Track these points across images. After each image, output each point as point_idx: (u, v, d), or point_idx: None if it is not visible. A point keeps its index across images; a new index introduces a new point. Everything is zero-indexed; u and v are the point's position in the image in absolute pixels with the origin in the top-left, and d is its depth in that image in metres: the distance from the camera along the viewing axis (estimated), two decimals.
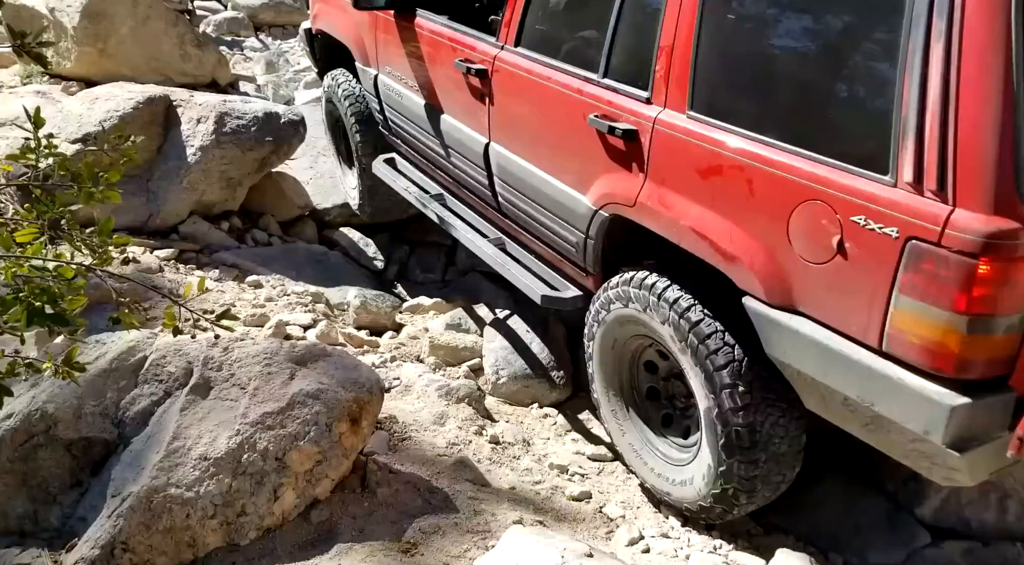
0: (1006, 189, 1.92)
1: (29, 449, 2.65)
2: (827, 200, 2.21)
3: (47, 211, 1.69)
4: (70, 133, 4.36)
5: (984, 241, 1.92)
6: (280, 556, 2.53)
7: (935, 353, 2.05)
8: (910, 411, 2.12)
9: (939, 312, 2.01)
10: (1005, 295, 1.96)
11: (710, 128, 2.59)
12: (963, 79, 1.93)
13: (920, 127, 2.01)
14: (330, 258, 4.88)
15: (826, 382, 2.34)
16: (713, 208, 2.58)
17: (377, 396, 2.87)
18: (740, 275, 2.51)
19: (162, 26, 5.92)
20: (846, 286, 2.22)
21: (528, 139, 3.46)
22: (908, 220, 2.04)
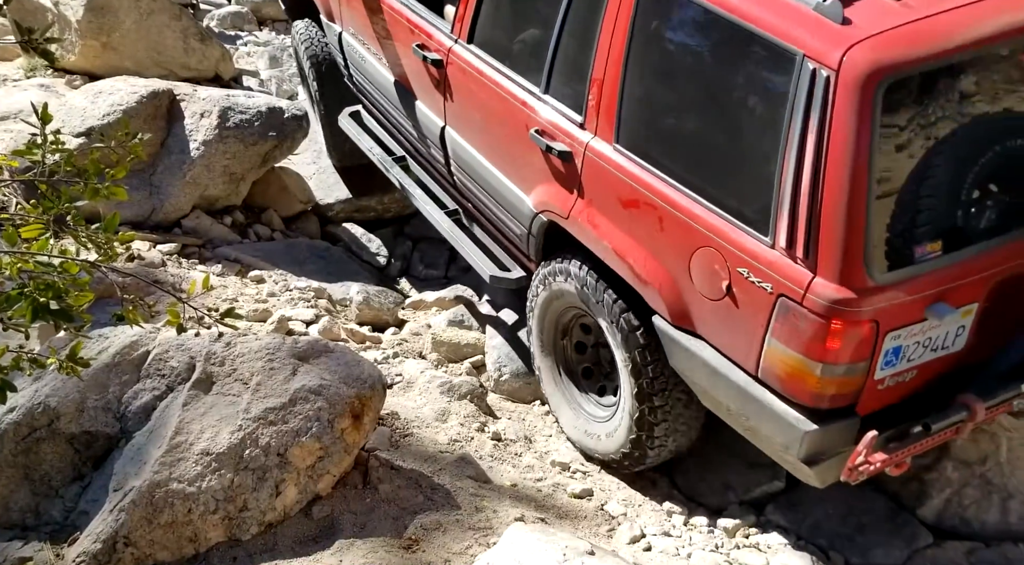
0: (856, 264, 2.23)
1: (31, 443, 2.65)
2: (719, 250, 2.49)
3: (52, 206, 1.69)
4: (73, 127, 4.36)
5: (834, 307, 2.24)
6: (281, 551, 2.54)
7: (795, 387, 2.42)
8: (774, 429, 2.51)
9: (799, 356, 2.35)
10: (849, 347, 2.30)
11: (631, 163, 2.76)
12: (828, 168, 2.18)
13: (794, 201, 2.26)
14: (333, 253, 4.87)
15: (713, 394, 2.72)
16: (631, 235, 2.81)
17: (379, 392, 2.88)
18: (651, 297, 2.80)
19: (166, 20, 5.90)
20: (733, 322, 2.55)
21: (479, 133, 3.56)
22: (779, 279, 2.34)
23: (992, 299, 2.48)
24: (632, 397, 2.98)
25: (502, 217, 3.54)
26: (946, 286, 2.35)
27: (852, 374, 2.36)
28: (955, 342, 2.50)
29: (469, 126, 3.61)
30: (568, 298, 3.19)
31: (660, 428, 3.00)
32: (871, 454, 2.37)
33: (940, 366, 2.53)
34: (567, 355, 3.45)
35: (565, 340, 3.42)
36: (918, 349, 2.44)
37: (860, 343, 2.30)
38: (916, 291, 2.31)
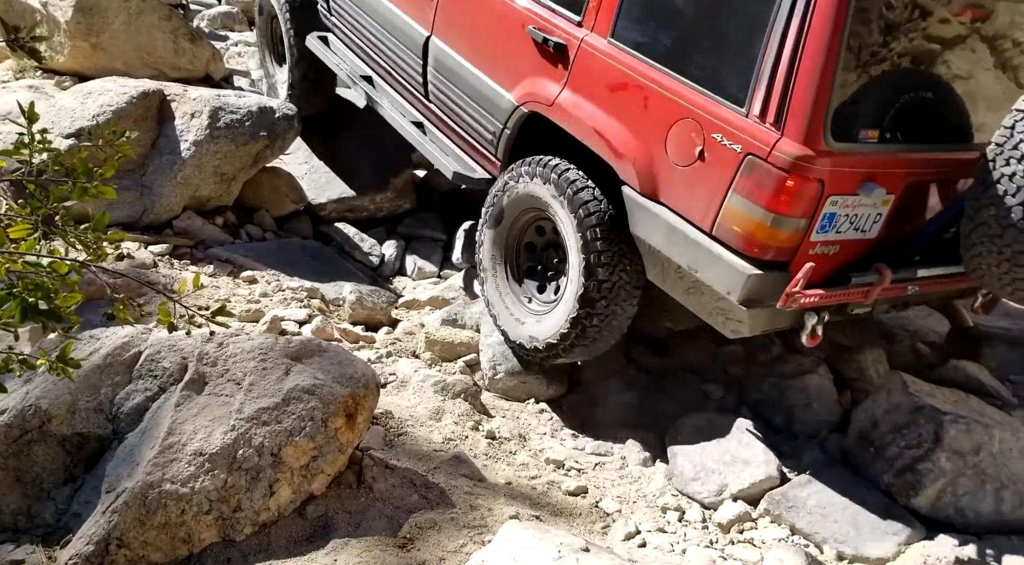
0: (816, 129, 2.71)
1: (23, 445, 2.64)
2: (698, 119, 2.97)
3: (41, 206, 1.68)
4: (63, 128, 4.34)
5: (795, 162, 2.71)
6: (276, 551, 2.53)
7: (746, 238, 2.86)
8: (721, 277, 2.93)
9: (755, 207, 2.80)
10: (799, 201, 2.76)
11: (624, 54, 3.27)
12: (805, 52, 2.69)
13: (771, 79, 2.77)
14: (325, 253, 4.86)
15: (668, 254, 3.13)
16: (614, 116, 3.28)
17: (373, 391, 2.87)
18: (624, 170, 3.25)
19: (155, 20, 5.87)
20: (698, 184, 3.00)
21: (469, 38, 4.04)
22: (750, 140, 2.81)
23: (903, 198, 2.99)
24: (580, 275, 3.39)
25: (478, 118, 3.99)
26: (876, 169, 2.85)
27: (794, 229, 2.82)
28: (871, 228, 3.00)
29: (458, 32, 4.10)
30: (529, 200, 3.62)
31: (599, 316, 3.40)
32: (807, 286, 2.81)
33: (857, 249, 3.01)
34: (517, 254, 3.89)
35: (518, 240, 3.86)
36: (845, 223, 2.91)
37: (808, 199, 2.77)
38: (854, 165, 2.82)
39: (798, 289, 2.79)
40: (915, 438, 3.25)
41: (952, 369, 3.94)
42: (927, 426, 3.25)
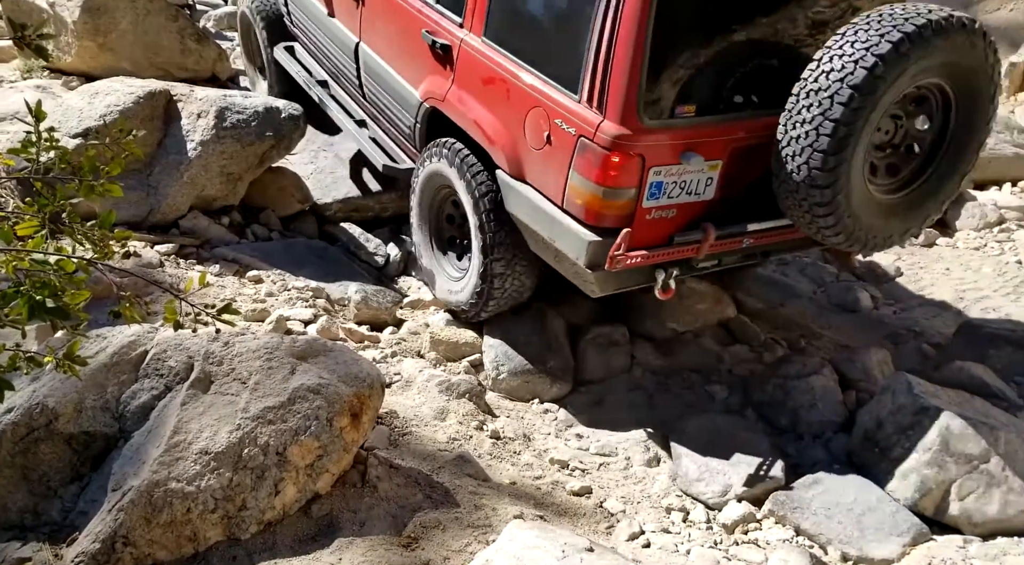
0: (631, 112, 3.06)
1: (30, 443, 2.65)
2: (545, 107, 3.34)
3: (48, 204, 1.69)
4: (70, 128, 4.35)
5: (614, 140, 3.06)
6: (281, 550, 2.53)
7: (585, 210, 3.23)
8: (571, 244, 3.29)
9: (589, 183, 3.17)
10: (623, 174, 3.12)
11: (493, 50, 3.63)
12: (617, 44, 3.03)
13: (594, 68, 3.11)
14: (331, 253, 4.87)
15: (534, 227, 3.51)
16: (486, 107, 3.68)
17: (378, 391, 2.87)
18: (496, 155, 3.64)
19: (162, 21, 5.90)
20: (549, 165, 3.37)
21: (385, 43, 4.51)
22: (581, 124, 3.16)
23: (732, 161, 3.31)
24: (479, 252, 3.82)
25: (398, 113, 4.43)
26: (696, 140, 3.19)
27: (625, 198, 3.18)
28: (705, 191, 3.34)
29: (377, 38, 4.57)
30: (439, 177, 4.01)
31: (498, 280, 3.82)
32: (628, 249, 3.15)
33: (695, 210, 3.35)
34: (439, 227, 4.29)
35: (438, 215, 4.25)
36: (675, 189, 3.26)
37: (631, 171, 3.13)
38: (673, 139, 3.16)
39: (620, 252, 3.14)
40: (920, 439, 3.24)
41: (957, 370, 3.93)
42: (932, 427, 3.24)
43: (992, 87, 3.22)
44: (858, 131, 2.96)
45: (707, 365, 4.22)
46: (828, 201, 3.08)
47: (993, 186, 6.41)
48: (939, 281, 5.34)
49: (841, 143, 2.95)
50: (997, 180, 6.43)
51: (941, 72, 3.10)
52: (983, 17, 7.98)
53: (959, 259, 5.59)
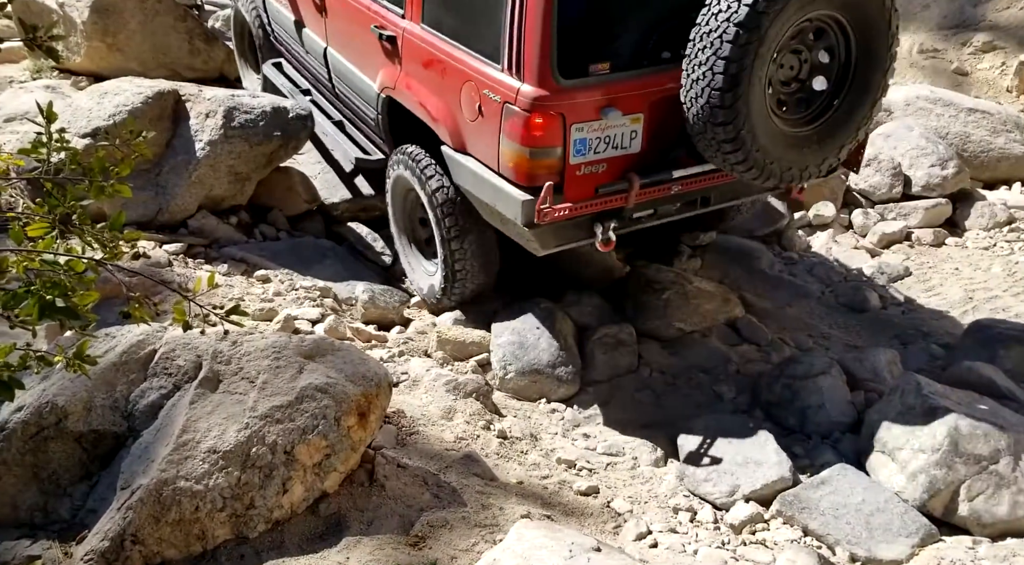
0: (546, 74, 3.25)
1: (40, 441, 2.66)
2: (475, 81, 3.54)
3: (58, 205, 1.70)
4: (79, 128, 4.37)
5: (533, 102, 3.26)
6: (289, 549, 2.54)
7: (517, 171, 3.41)
8: (508, 206, 3.48)
9: (517, 145, 3.35)
10: (546, 134, 3.30)
11: (429, 34, 3.87)
12: (527, 14, 3.22)
13: (510, 39, 3.31)
14: (338, 253, 4.88)
15: (478, 195, 3.71)
16: (428, 88, 3.92)
17: (385, 390, 2.88)
18: (440, 131, 3.85)
19: (171, 21, 5.93)
20: (483, 133, 3.57)
21: (346, 42, 4.77)
22: (504, 91, 3.36)
23: (654, 113, 3.47)
24: (440, 246, 4.04)
25: (364, 108, 4.67)
26: (613, 95, 3.35)
27: (552, 157, 3.35)
28: (632, 144, 3.49)
29: (340, 41, 4.83)
30: (403, 181, 4.22)
31: (460, 271, 4.06)
32: (552, 201, 3.32)
33: (625, 163, 3.50)
34: (414, 228, 4.50)
35: (411, 218, 4.45)
36: (600, 144, 3.41)
37: (553, 130, 3.30)
38: (590, 96, 3.32)
39: (547, 205, 3.31)
40: (929, 440, 3.23)
41: (966, 370, 3.91)
42: (941, 428, 3.23)
43: (886, 12, 3.31)
44: (749, 66, 3.08)
45: (715, 365, 4.21)
46: (733, 137, 3.20)
47: (1003, 186, 6.38)
48: (948, 281, 5.32)
49: (734, 79, 3.08)
50: (1007, 180, 6.40)
51: (831, 4, 3.18)
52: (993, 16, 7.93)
53: (968, 259, 5.56)
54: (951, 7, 8.12)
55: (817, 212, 5.90)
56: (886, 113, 6.50)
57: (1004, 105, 7.01)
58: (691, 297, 4.49)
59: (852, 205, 6.09)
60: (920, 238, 5.77)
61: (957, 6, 8.10)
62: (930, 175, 5.99)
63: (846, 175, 6.25)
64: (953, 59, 7.78)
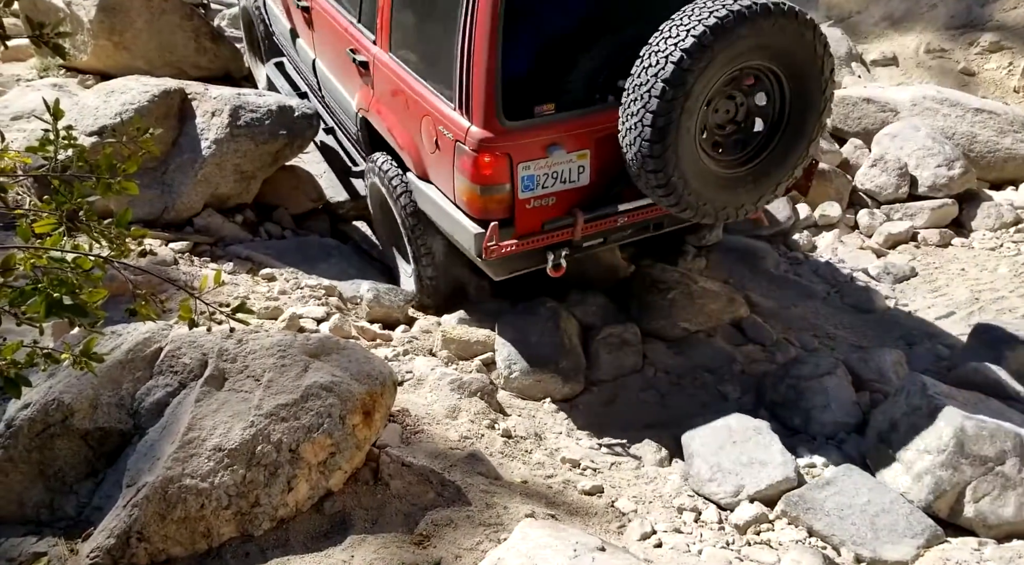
0: (492, 116, 3.38)
1: (46, 439, 2.67)
2: (432, 116, 3.67)
3: (65, 202, 1.70)
4: (86, 126, 4.38)
5: (480, 142, 3.39)
6: (294, 547, 2.54)
7: (470, 205, 3.57)
8: (464, 237, 3.64)
9: (468, 182, 3.50)
10: (494, 172, 3.45)
11: (396, 65, 3.99)
12: (474, 59, 3.34)
13: (460, 80, 3.42)
14: (343, 251, 4.89)
15: (439, 223, 3.88)
16: (395, 115, 4.08)
17: (390, 389, 2.88)
18: (406, 158, 4.04)
19: (177, 20, 5.94)
20: (441, 166, 3.72)
21: (330, 59, 4.91)
22: (456, 130, 3.49)
23: (600, 149, 3.58)
24: (411, 253, 4.24)
25: (346, 120, 4.89)
26: (559, 134, 3.50)
27: (501, 192, 3.50)
28: (580, 178, 3.63)
29: (326, 55, 4.98)
30: (376, 189, 4.37)
31: (429, 271, 4.22)
32: (499, 238, 3.48)
33: (573, 196, 3.64)
34: (398, 236, 4.53)
35: (391, 221, 4.49)
36: (548, 179, 3.56)
37: (501, 169, 3.44)
38: (536, 136, 3.46)
39: (493, 243, 3.48)
40: (934, 441, 3.22)
41: (972, 371, 3.90)
42: (947, 429, 3.22)
43: (817, 60, 3.37)
44: (676, 118, 3.19)
45: (719, 365, 4.20)
46: (664, 183, 3.34)
47: (1009, 186, 6.36)
48: (954, 281, 5.30)
49: (662, 131, 3.19)
50: (1013, 180, 6.38)
51: (760, 54, 3.26)
52: (1000, 16, 7.90)
53: (975, 259, 5.55)
54: (958, 7, 8.09)
55: (823, 212, 5.89)
56: (892, 113, 6.49)
57: (1011, 105, 6.99)
58: (696, 297, 4.49)
59: (858, 205, 6.08)
60: (926, 238, 5.75)
61: (964, 6, 8.07)
62: (936, 175, 5.97)
63: (851, 175, 6.24)
64: (960, 59, 7.76)
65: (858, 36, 8.33)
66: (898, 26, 8.28)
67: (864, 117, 6.56)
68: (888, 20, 8.41)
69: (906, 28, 8.20)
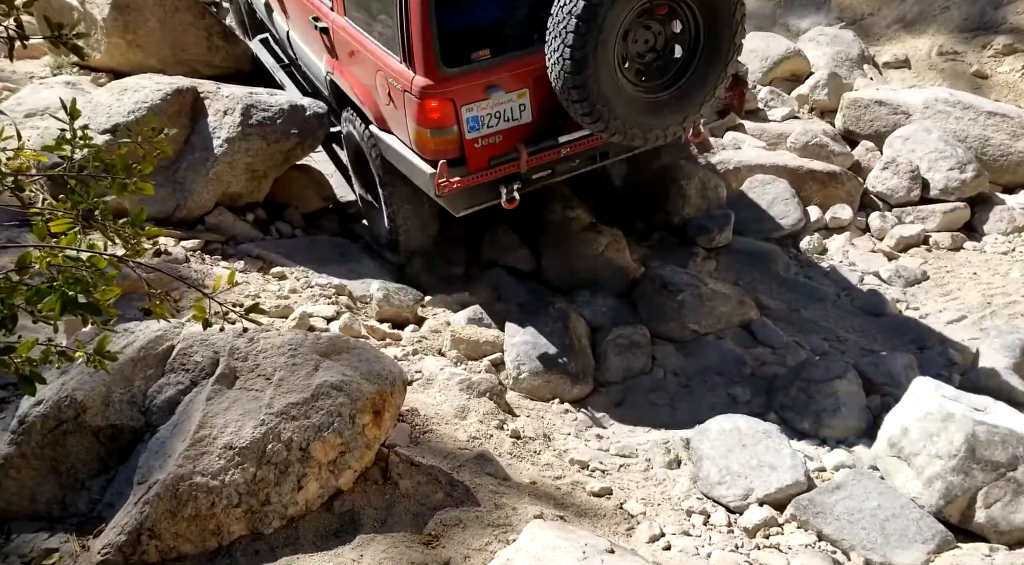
0: (431, 65, 3.72)
1: (58, 435, 2.68)
2: (384, 70, 4.02)
3: (81, 201, 1.71)
4: (99, 124, 4.40)
5: (423, 90, 3.74)
6: (303, 545, 2.55)
7: (423, 148, 3.93)
8: (422, 179, 3.98)
9: (419, 126, 3.86)
10: (440, 116, 3.81)
11: (351, 27, 4.34)
12: (411, 18, 3.68)
13: (402, 36, 3.77)
14: (353, 251, 4.89)
15: (401, 169, 4.21)
16: (355, 74, 4.46)
17: (400, 388, 2.88)
18: (368, 112, 4.38)
19: (190, 18, 5.95)
20: (396, 116, 4.08)
21: (300, 28, 5.25)
22: (403, 81, 3.83)
23: (538, 88, 3.90)
24: (382, 198, 4.57)
25: (320, 85, 5.18)
26: (497, 76, 3.84)
27: (450, 134, 3.85)
28: (522, 115, 3.98)
29: (296, 26, 5.34)
30: (352, 139, 4.69)
31: (400, 221, 4.57)
32: (448, 175, 3.80)
33: (519, 133, 3.99)
34: (368, 178, 4.82)
35: (365, 168, 4.76)
36: (493, 119, 3.90)
37: (446, 113, 3.80)
38: (475, 80, 3.81)
39: (444, 180, 3.79)
40: (946, 446, 3.21)
41: (984, 376, 3.88)
42: (958, 434, 3.21)
43: None
44: (593, 50, 3.51)
45: (729, 367, 4.19)
46: (590, 110, 3.66)
47: (1022, 190, 6.31)
48: (966, 285, 5.27)
49: (580, 63, 3.53)
50: None
51: None
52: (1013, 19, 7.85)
53: (987, 263, 5.51)
54: (972, 9, 8.04)
55: (834, 215, 5.86)
56: (905, 116, 6.45)
57: None
58: (706, 299, 4.48)
59: (869, 208, 6.05)
60: (938, 242, 5.72)
61: (978, 8, 8.03)
62: (948, 178, 5.94)
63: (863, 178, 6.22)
64: (973, 62, 7.71)
65: (870, 38, 8.30)
66: (911, 28, 8.23)
67: (876, 119, 6.52)
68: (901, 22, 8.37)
69: (919, 30, 8.16)
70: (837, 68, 7.37)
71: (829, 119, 6.85)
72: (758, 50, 7.40)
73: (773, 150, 6.30)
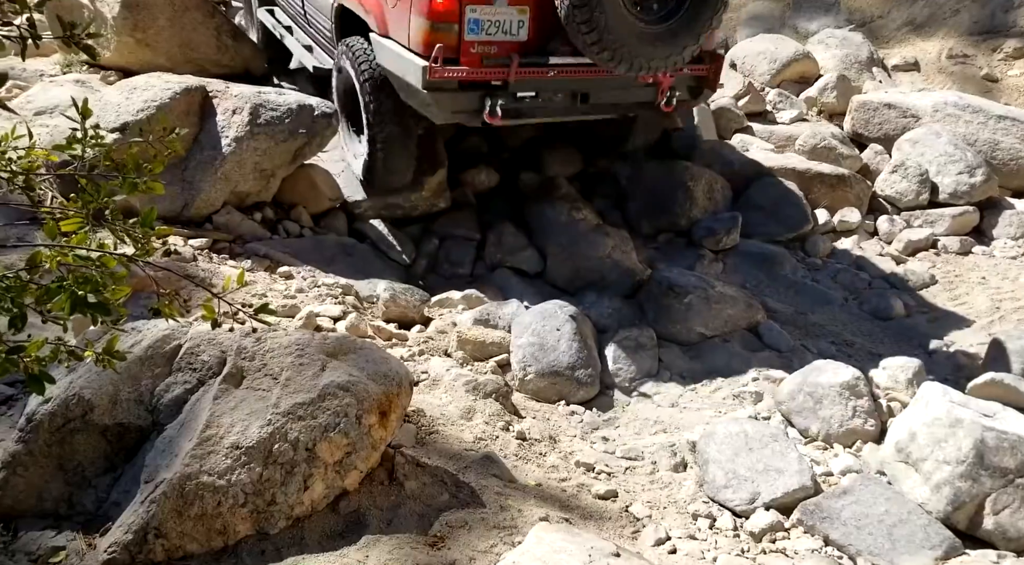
0: None
1: (66, 433, 2.69)
2: None
3: (92, 200, 1.71)
4: (108, 122, 4.41)
5: None
6: (309, 545, 2.55)
7: (422, 43, 4.17)
8: (414, 73, 4.20)
9: (423, 19, 4.12)
10: (445, 11, 4.09)
11: None
12: None
13: None
14: (360, 251, 4.90)
15: (394, 70, 4.46)
16: None
17: (406, 389, 2.88)
18: (370, 20, 4.69)
19: (199, 17, 5.97)
20: (400, 16, 4.34)
21: None
22: None
23: (539, 7, 4.24)
24: (366, 126, 4.81)
25: (322, 22, 5.59)
26: None
27: (450, 31, 4.12)
28: (519, 32, 4.27)
29: None
30: (344, 72, 4.98)
31: (381, 148, 4.82)
32: (442, 63, 4.10)
33: (512, 48, 4.27)
34: (351, 111, 5.15)
35: (352, 102, 5.07)
36: (492, 27, 4.20)
37: (450, 8, 4.09)
38: None
39: (438, 65, 4.08)
40: (954, 451, 3.19)
41: (993, 381, 3.86)
42: (967, 439, 3.19)
43: None
44: None
45: (735, 370, 4.18)
46: (597, 39, 4.03)
47: None
48: (975, 290, 5.25)
49: None
50: None
51: None
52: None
53: (996, 268, 5.49)
54: (982, 13, 8.01)
55: (842, 218, 5.85)
56: (914, 119, 6.43)
57: None
58: (713, 302, 4.47)
59: (878, 211, 6.03)
60: (946, 246, 5.70)
61: (988, 12, 8.00)
62: (958, 182, 5.92)
63: (871, 181, 6.19)
64: (983, 65, 7.69)
65: (880, 41, 8.27)
66: (920, 31, 8.21)
67: (885, 122, 6.51)
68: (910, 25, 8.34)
69: (928, 33, 8.13)
70: (846, 71, 7.35)
71: (838, 122, 6.84)
72: (767, 52, 7.39)
73: (781, 152, 6.29)
